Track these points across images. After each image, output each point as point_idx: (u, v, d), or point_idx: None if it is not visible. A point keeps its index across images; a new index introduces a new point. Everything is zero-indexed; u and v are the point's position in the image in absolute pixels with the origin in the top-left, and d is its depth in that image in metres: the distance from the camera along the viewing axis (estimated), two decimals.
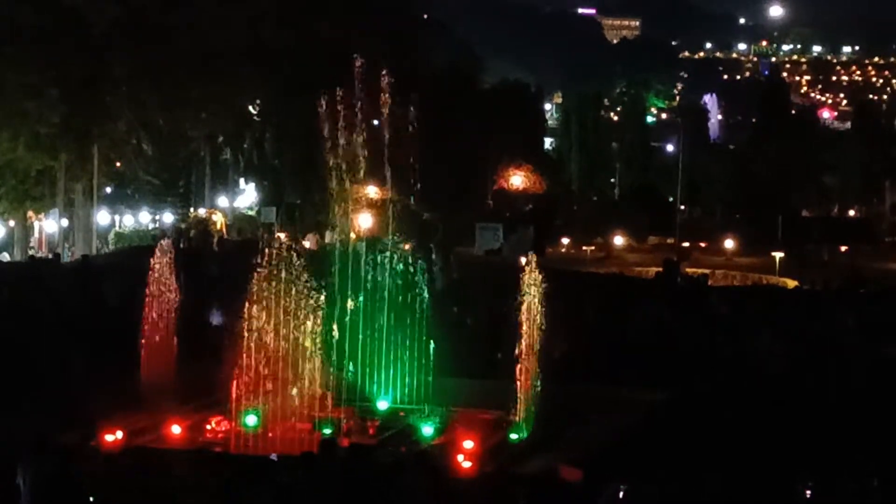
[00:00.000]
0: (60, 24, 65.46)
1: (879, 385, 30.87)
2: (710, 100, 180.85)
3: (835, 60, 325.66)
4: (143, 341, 29.79)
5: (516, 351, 27.08)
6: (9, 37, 64.03)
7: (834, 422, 27.27)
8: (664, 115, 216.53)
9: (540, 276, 27.59)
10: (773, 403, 28.72)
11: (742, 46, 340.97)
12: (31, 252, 71.58)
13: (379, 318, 29.96)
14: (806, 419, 27.54)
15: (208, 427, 26.74)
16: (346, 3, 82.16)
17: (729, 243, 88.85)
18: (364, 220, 38.25)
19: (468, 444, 24.00)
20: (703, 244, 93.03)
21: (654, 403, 29.23)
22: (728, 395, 29.35)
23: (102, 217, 79.26)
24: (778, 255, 74.94)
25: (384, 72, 30.85)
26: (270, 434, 26.29)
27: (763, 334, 35.22)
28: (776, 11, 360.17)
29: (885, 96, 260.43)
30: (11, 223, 73.66)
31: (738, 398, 29.07)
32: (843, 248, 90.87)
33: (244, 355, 26.70)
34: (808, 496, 19.87)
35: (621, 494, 17.95)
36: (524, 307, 27.25)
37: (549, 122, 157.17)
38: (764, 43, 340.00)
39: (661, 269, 55.13)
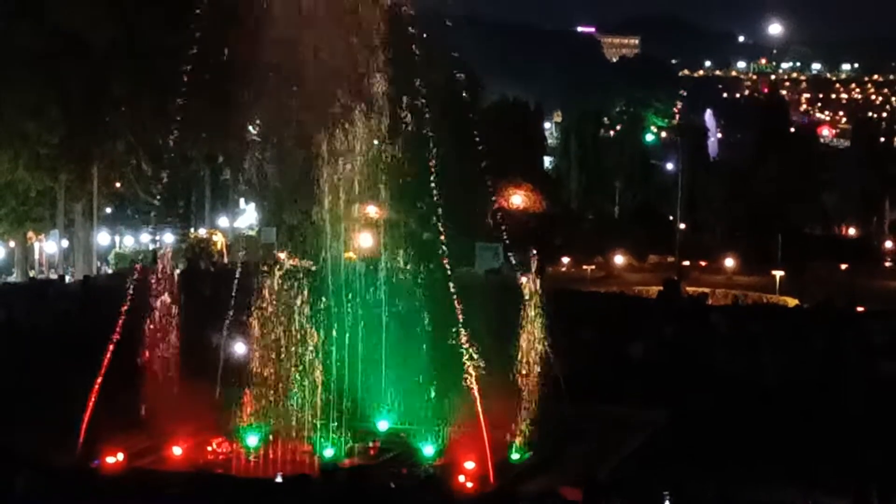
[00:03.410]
0: (60, 44, 65.35)
1: (878, 401, 30.90)
2: (709, 118, 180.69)
3: (834, 78, 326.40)
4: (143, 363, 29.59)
5: (518, 370, 27.02)
6: (9, 57, 63.92)
7: (833, 437, 27.30)
8: (664, 134, 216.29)
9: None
10: (772, 420, 28.75)
11: (741, 64, 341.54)
12: (31, 273, 71.59)
13: (379, 338, 29.81)
14: (805, 435, 27.57)
15: (209, 448, 26.70)
16: (344, 23, 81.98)
17: (729, 262, 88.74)
18: (364, 240, 38.16)
19: (469, 465, 23.94)
20: (703, 263, 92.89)
21: (655, 422, 29.23)
22: (728, 412, 29.35)
23: (103, 238, 79.20)
24: (778, 273, 74.86)
25: (383, 91, 30.85)
26: (272, 455, 26.27)
27: (763, 352, 35.29)
28: (775, 29, 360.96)
29: (884, 114, 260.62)
30: (12, 244, 73.62)
31: (737, 416, 29.08)
32: (843, 267, 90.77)
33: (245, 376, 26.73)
34: None
35: None
36: (526, 327, 27.20)
37: (549, 140, 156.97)
38: (763, 61, 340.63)
39: (661, 288, 55.20)
